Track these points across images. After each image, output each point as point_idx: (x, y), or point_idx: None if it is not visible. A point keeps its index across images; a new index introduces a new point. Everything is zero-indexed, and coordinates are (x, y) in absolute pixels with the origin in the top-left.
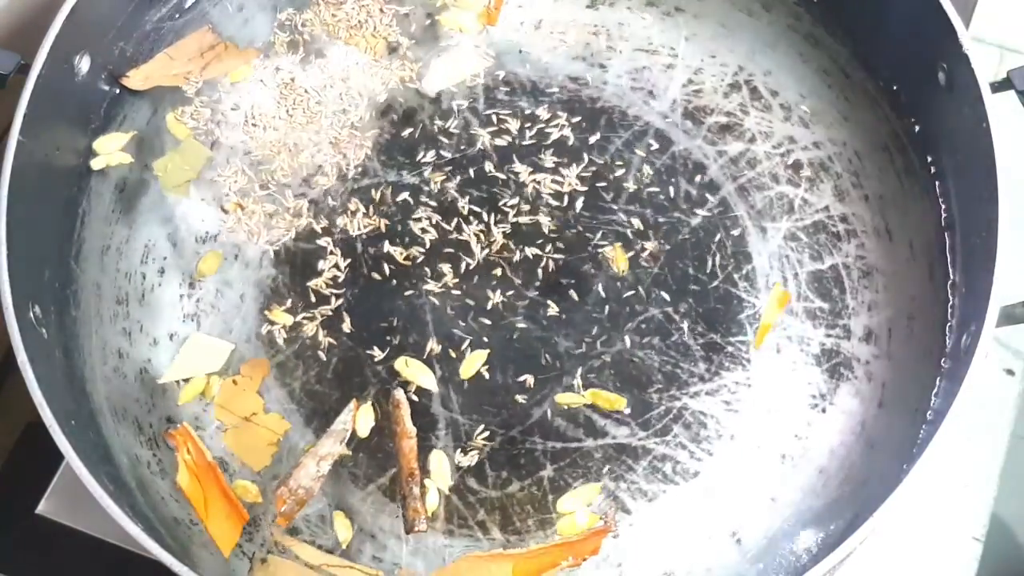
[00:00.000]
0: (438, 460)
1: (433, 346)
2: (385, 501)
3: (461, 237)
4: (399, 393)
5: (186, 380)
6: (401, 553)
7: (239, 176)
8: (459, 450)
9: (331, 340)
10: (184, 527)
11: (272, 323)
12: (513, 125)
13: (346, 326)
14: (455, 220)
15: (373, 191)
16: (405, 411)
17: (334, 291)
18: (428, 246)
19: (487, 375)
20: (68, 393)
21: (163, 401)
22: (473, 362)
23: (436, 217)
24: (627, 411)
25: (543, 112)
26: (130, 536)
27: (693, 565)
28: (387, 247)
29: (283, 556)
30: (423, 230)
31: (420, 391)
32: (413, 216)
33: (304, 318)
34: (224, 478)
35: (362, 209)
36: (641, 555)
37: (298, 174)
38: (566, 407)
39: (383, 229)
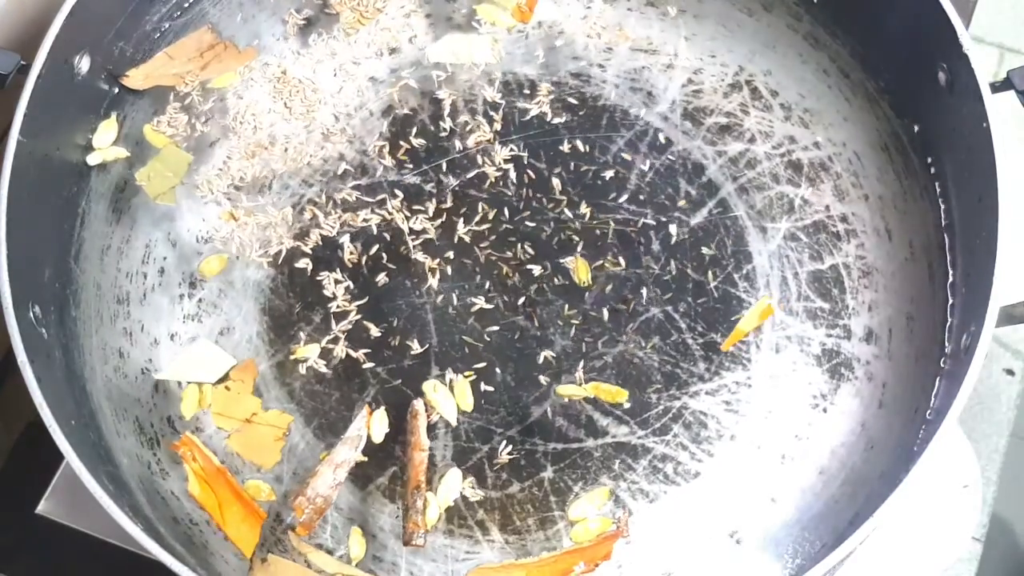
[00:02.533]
0: (450, 479)
1: (434, 347)
2: (385, 501)
3: (462, 237)
4: (419, 404)
5: (182, 384)
6: (401, 552)
7: (225, 180)
8: (458, 451)
9: (365, 350)
10: (184, 526)
11: (303, 360)
12: (513, 125)
13: (374, 331)
14: (456, 220)
15: (371, 190)
16: (422, 423)
17: (357, 303)
18: (428, 246)
19: (487, 376)
20: (68, 393)
21: (164, 401)
22: (464, 392)
23: (437, 217)
24: (627, 407)
25: (543, 112)
26: (130, 536)
27: (693, 565)
28: (385, 247)
29: (284, 556)
30: (423, 230)
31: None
32: (412, 215)
33: (329, 342)
34: (235, 480)
35: (361, 209)
36: (641, 555)
37: (292, 173)
38: (566, 399)
39: (382, 229)
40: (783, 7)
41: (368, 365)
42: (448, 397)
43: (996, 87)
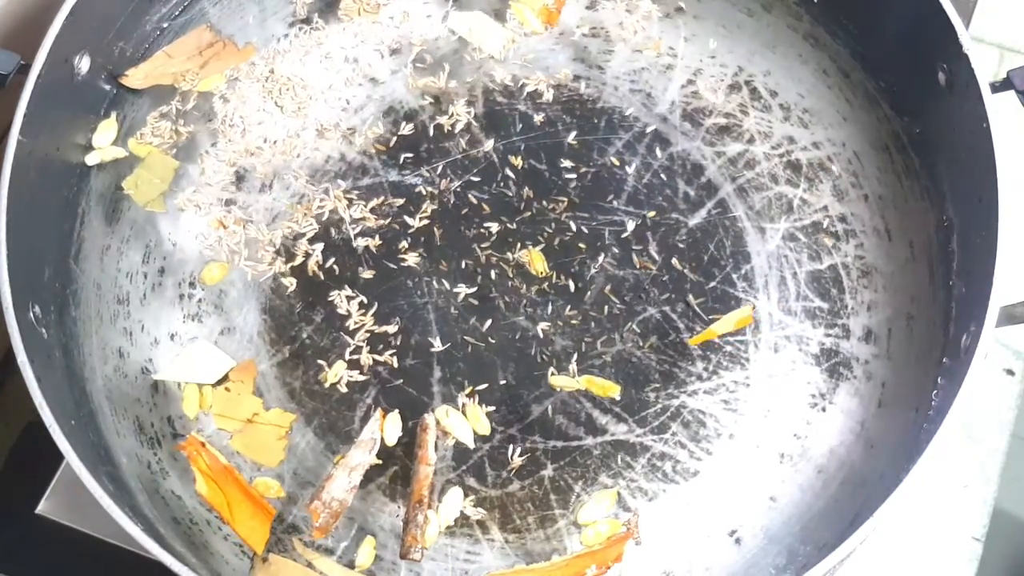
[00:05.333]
0: (452, 496)
1: (435, 347)
2: (385, 500)
3: (462, 238)
4: (430, 418)
5: (181, 385)
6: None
7: (213, 186)
8: (459, 451)
9: (391, 353)
10: (184, 526)
11: (338, 381)
12: (513, 126)
13: (392, 328)
14: (456, 221)
15: (371, 190)
16: (431, 437)
17: (371, 312)
18: (429, 246)
19: (488, 375)
20: (68, 393)
21: (164, 401)
22: (477, 416)
23: (437, 217)
24: (627, 405)
25: (542, 113)
26: (130, 536)
27: (693, 564)
28: (385, 248)
29: (285, 555)
30: (424, 230)
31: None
32: (412, 216)
33: (351, 355)
34: (243, 478)
35: (360, 209)
36: (641, 554)
37: (291, 173)
38: (562, 393)
39: (382, 229)
40: (783, 7)
41: (382, 366)
42: (462, 421)
43: (996, 87)
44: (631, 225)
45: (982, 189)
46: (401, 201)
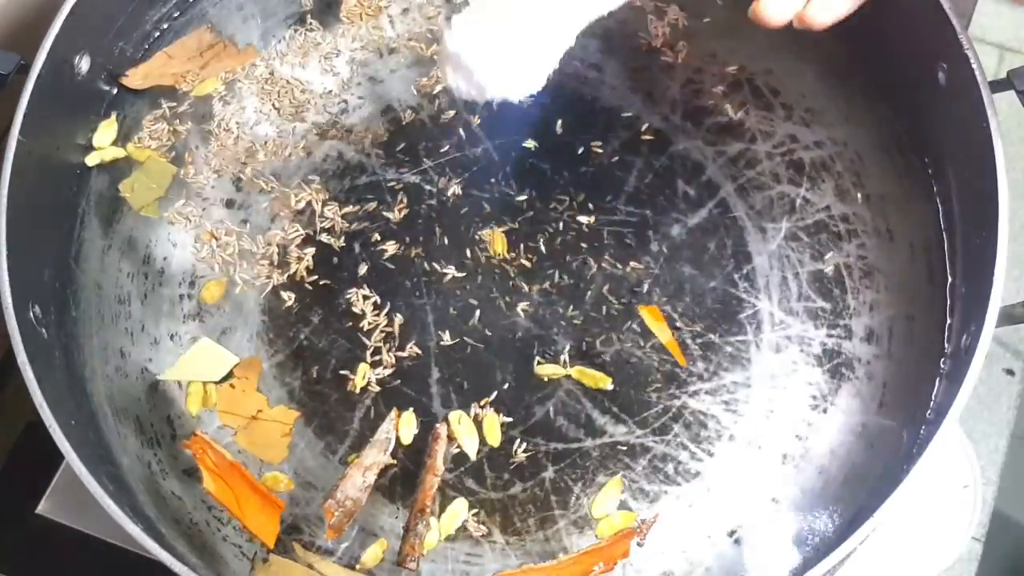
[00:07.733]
0: (455, 508)
1: (434, 348)
2: (385, 501)
3: (461, 237)
4: (442, 428)
5: (183, 384)
6: None
7: (207, 194)
8: (460, 452)
9: (414, 347)
10: (184, 527)
11: (367, 384)
12: (512, 125)
13: (391, 328)
14: (456, 220)
15: (371, 189)
16: (441, 448)
17: (384, 313)
18: (428, 246)
19: (489, 376)
20: (68, 393)
21: (164, 401)
22: (492, 427)
23: (437, 217)
24: (624, 405)
25: (542, 113)
26: (130, 536)
27: (693, 565)
28: (385, 247)
29: (284, 556)
30: (424, 229)
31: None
32: (412, 215)
33: (373, 357)
34: (250, 473)
35: (359, 208)
36: (641, 554)
37: (290, 174)
38: (547, 379)
39: (381, 229)
40: None
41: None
42: (471, 431)
43: (996, 87)
44: (631, 224)
45: (982, 189)
46: (400, 200)
